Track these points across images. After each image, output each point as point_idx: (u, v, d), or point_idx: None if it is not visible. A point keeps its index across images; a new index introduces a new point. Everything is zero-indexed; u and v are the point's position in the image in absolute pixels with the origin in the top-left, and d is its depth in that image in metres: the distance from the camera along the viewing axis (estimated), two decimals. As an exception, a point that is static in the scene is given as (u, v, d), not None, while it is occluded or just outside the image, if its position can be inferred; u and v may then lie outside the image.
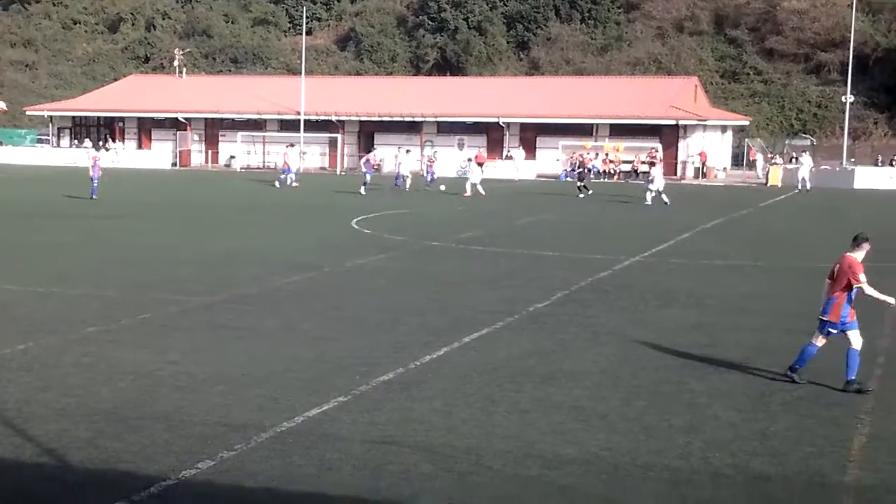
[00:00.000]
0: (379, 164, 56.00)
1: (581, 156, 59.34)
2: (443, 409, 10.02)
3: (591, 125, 65.87)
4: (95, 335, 13.17)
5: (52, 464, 8.22)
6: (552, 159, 64.07)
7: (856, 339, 11.01)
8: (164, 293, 16.50)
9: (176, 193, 43.33)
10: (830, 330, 11.10)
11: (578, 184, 45.89)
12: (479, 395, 10.55)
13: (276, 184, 48.18)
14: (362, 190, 43.59)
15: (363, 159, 49.33)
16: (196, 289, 17.08)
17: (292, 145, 54.94)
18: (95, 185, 37.32)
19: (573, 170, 52.60)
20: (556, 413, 9.96)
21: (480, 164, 65.44)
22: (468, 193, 43.10)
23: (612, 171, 63.81)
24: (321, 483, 7.93)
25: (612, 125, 65.15)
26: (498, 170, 64.37)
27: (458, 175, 56.44)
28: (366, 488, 7.83)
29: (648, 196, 39.50)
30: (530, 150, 67.05)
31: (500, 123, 68.05)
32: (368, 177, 45.56)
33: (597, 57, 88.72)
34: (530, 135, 68.44)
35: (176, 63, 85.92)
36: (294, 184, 48.43)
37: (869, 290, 10.96)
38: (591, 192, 44.67)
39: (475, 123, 68.28)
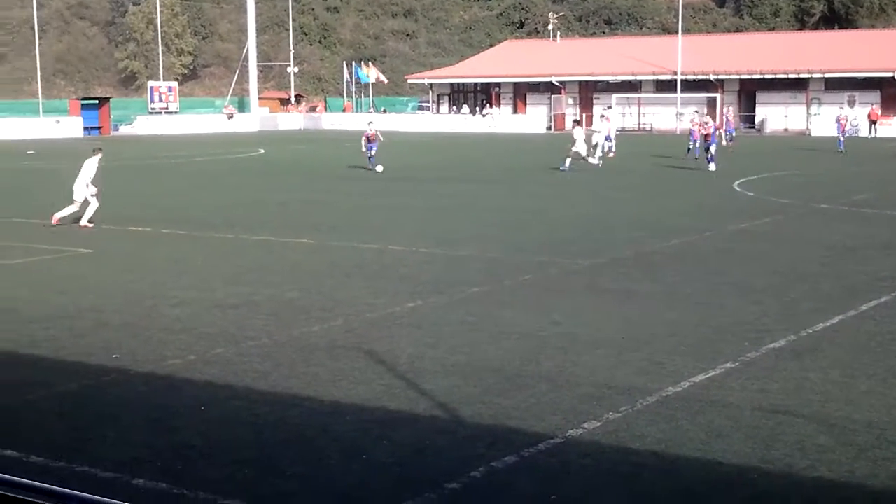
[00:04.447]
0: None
1: None
2: (840, 379, 9.38)
3: None
4: (479, 295, 13.50)
5: (444, 417, 8.48)
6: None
7: None
8: (543, 256, 16.68)
9: (545, 158, 43.88)
10: None
11: None
12: (881, 367, 9.78)
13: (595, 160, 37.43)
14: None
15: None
16: (574, 252, 17.14)
17: (609, 107, 52.64)
18: (373, 152, 34.81)
19: None
20: (970, 390, 9.04)
21: (874, 122, 61.16)
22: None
23: None
24: (710, 449, 7.65)
25: None
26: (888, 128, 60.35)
27: (848, 134, 51.35)
28: (758, 457, 7.47)
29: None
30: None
31: (897, 78, 63.44)
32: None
33: None
34: (930, 89, 63.34)
35: (550, 27, 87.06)
36: (610, 154, 40.46)
37: None
38: None
39: (867, 79, 64.04)
